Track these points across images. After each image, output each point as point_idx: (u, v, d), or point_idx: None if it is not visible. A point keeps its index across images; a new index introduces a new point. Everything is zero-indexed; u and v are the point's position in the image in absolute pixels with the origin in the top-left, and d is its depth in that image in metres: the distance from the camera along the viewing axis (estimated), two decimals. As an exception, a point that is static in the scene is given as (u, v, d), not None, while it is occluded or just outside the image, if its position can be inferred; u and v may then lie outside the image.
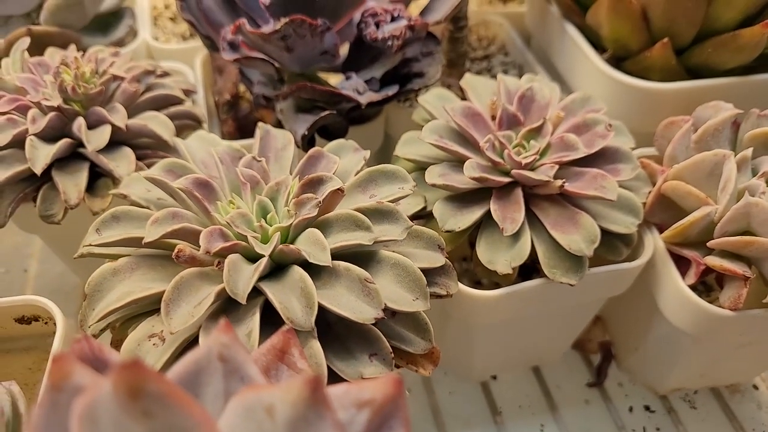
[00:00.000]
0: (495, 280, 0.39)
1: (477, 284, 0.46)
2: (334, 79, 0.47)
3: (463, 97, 0.53)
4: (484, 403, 0.48)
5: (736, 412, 0.48)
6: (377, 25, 0.42)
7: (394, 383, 0.19)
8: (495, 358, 0.46)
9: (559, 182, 0.36)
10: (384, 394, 0.19)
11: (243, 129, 0.50)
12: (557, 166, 0.37)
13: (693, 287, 0.38)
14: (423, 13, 0.46)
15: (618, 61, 0.48)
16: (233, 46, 0.42)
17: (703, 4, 0.41)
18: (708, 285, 0.45)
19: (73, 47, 0.46)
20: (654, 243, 0.40)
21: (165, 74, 0.47)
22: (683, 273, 0.39)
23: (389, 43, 0.41)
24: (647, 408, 0.48)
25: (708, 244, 0.37)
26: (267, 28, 0.39)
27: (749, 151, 0.39)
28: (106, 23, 0.53)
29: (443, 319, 0.43)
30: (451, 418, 0.47)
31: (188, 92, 0.46)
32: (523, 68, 0.55)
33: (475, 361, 0.46)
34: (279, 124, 0.50)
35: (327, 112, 0.41)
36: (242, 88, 0.52)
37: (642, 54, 0.45)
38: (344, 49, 0.47)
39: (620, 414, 0.47)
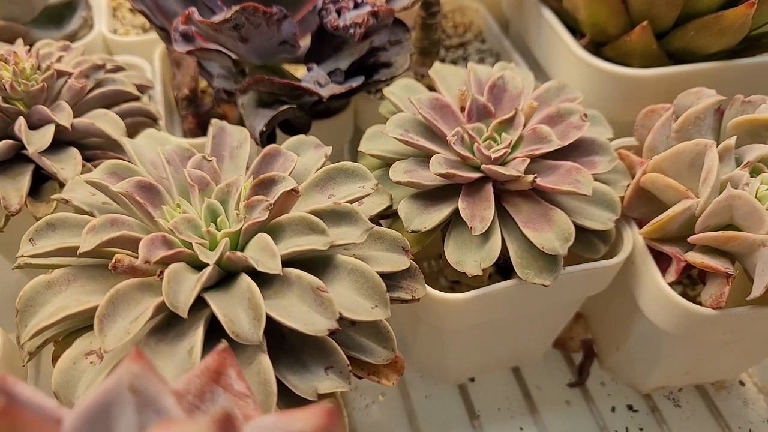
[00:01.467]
0: (466, 282, 0.37)
1: (455, 283, 0.45)
2: (301, 72, 0.45)
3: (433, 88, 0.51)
4: (462, 406, 0.46)
5: (721, 410, 0.46)
6: (338, 12, 0.39)
7: (327, 414, 0.17)
8: (470, 360, 0.44)
9: (530, 177, 0.34)
10: (316, 426, 0.17)
11: (204, 125, 0.48)
12: (529, 160, 0.35)
13: (677, 281, 0.36)
14: (390, -1, 0.44)
15: (597, 47, 0.46)
16: (186, 37, 0.40)
17: (683, -15, 0.39)
18: (693, 278, 0.43)
19: (19, 42, 0.44)
20: (633, 239, 0.38)
21: (118, 68, 0.44)
22: (664, 270, 0.37)
23: (351, 31, 0.38)
24: (630, 407, 0.46)
25: (689, 239, 0.35)
26: (218, 17, 0.36)
27: (732, 140, 0.37)
28: (59, 15, 0.51)
29: (414, 322, 0.41)
30: (427, 422, 0.45)
31: (143, 88, 0.43)
32: (501, 56, 0.53)
33: (450, 364, 0.44)
34: (242, 120, 0.48)
35: (286, 107, 0.39)
36: (204, 82, 0.50)
37: (621, 39, 0.43)
38: (307, 40, 0.44)
39: (602, 414, 0.46)
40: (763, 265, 0.33)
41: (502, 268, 0.44)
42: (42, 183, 0.38)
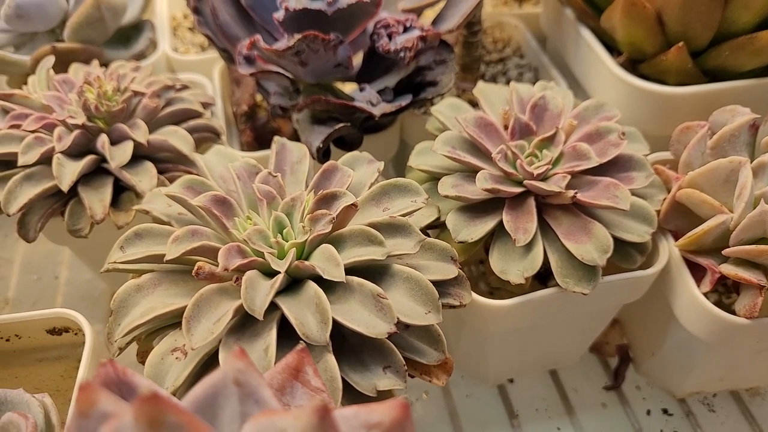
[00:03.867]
0: (508, 289, 0.39)
1: (494, 288, 0.47)
2: (349, 87, 0.48)
3: (477, 104, 0.54)
4: (501, 406, 0.48)
5: (756, 415, 0.48)
6: (390, 36, 0.42)
7: (401, 407, 0.20)
8: (510, 362, 0.47)
9: (571, 193, 0.36)
10: (391, 418, 0.20)
11: (260, 138, 0.51)
12: (569, 176, 0.37)
13: (712, 290, 0.38)
14: (435, 22, 0.46)
15: (633, 64, 0.48)
16: (249, 60, 0.43)
17: (719, 7, 0.41)
18: (728, 287, 0.45)
19: (95, 63, 0.48)
20: (669, 250, 0.40)
21: (184, 87, 0.48)
22: (699, 280, 0.39)
23: (402, 54, 0.41)
24: (665, 411, 0.48)
25: (723, 252, 0.37)
26: (281, 45, 0.39)
27: (766, 157, 0.39)
28: (127, 36, 0.55)
29: (458, 325, 0.44)
30: (468, 421, 0.48)
31: (207, 105, 0.47)
32: (539, 71, 0.55)
33: (491, 366, 0.46)
34: (295, 133, 0.51)
35: (341, 125, 0.42)
36: (259, 97, 0.53)
37: (657, 57, 0.45)
38: (358, 58, 0.47)
39: (638, 417, 0.48)
40: (794, 277, 0.34)
41: (540, 275, 0.46)
42: (119, 193, 0.42)
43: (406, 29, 0.43)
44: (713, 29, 0.42)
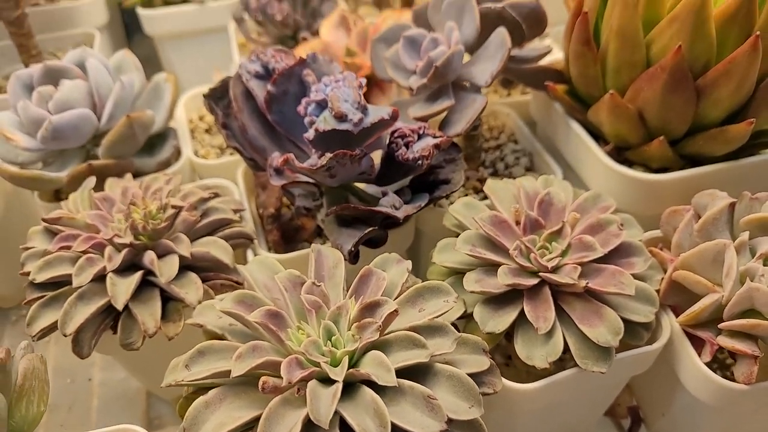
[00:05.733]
0: (533, 372, 0.43)
1: (508, 359, 0.51)
2: (366, 185, 0.52)
3: (481, 190, 0.59)
4: (527, 474, 0.51)
5: (759, 465, 0.52)
6: (407, 145, 0.47)
7: None
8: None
9: (583, 282, 0.41)
10: None
11: (286, 235, 0.55)
12: (580, 268, 0.42)
13: (712, 358, 0.43)
14: (443, 126, 0.52)
15: (620, 151, 0.54)
16: (279, 172, 0.47)
17: (692, 106, 0.47)
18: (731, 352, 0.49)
19: (129, 176, 0.52)
20: (671, 325, 0.44)
21: (215, 195, 0.52)
22: (699, 350, 0.43)
23: (420, 162, 0.46)
24: (678, 467, 0.52)
25: (719, 326, 0.42)
26: (314, 163, 0.44)
27: (746, 235, 0.44)
28: (153, 144, 0.59)
29: (486, 407, 0.48)
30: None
31: (237, 210, 0.51)
32: (533, 156, 0.60)
33: (517, 439, 0.50)
34: (318, 229, 0.55)
35: (370, 229, 0.46)
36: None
37: (641, 147, 0.51)
38: (375, 156, 0.52)
39: (653, 475, 0.51)
40: (784, 348, 0.39)
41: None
42: (165, 304, 0.45)
43: (420, 136, 0.48)
44: (688, 123, 0.48)
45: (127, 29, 1.03)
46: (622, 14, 0.46)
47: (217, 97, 0.51)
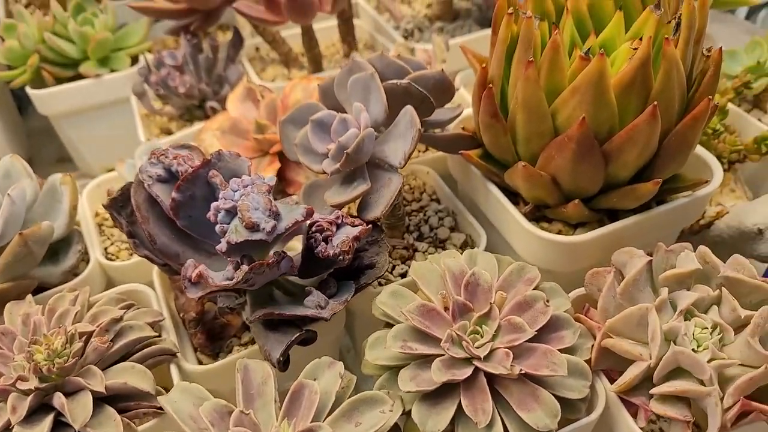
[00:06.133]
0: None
1: None
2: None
3: (409, 258, 0.58)
4: None
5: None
6: (326, 240, 0.46)
7: None
8: None
9: (517, 369, 0.41)
10: None
11: (211, 334, 0.52)
12: (512, 353, 0.41)
13: (647, 422, 0.44)
14: (361, 208, 0.51)
15: (539, 208, 0.54)
16: (196, 284, 0.45)
17: (602, 170, 0.48)
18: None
19: (30, 301, 0.48)
20: (605, 392, 0.45)
21: (128, 307, 0.49)
22: (635, 414, 0.44)
23: (341, 257, 0.45)
24: None
25: (650, 391, 0.43)
26: (229, 276, 0.42)
27: (665, 292, 0.45)
28: (56, 251, 0.55)
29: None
30: None
31: (155, 323, 0.48)
32: (456, 215, 0.60)
33: None
34: (245, 325, 0.53)
35: (298, 334, 0.44)
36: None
37: (558, 208, 0.51)
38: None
39: None
40: (711, 411, 0.40)
41: None
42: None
43: (339, 226, 0.47)
44: (600, 184, 0.49)
45: (19, 101, 0.97)
46: (525, 88, 0.46)
47: (119, 206, 0.48)
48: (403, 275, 0.56)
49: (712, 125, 0.62)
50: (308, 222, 0.47)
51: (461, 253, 0.57)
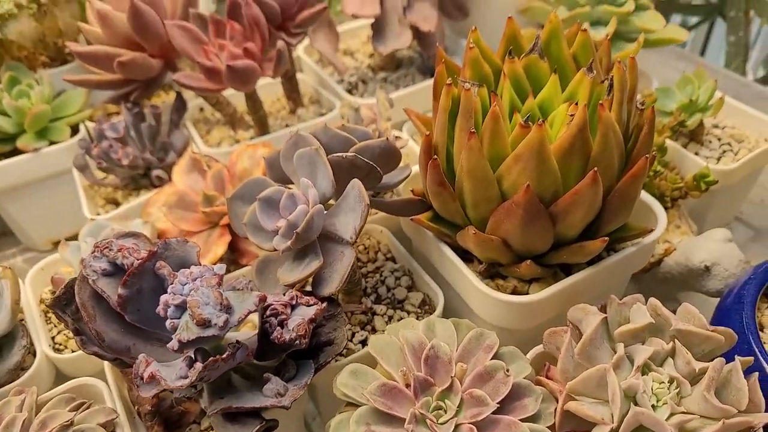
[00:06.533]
0: None
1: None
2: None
3: (368, 323, 0.57)
4: None
5: None
6: (281, 324, 0.45)
7: None
8: None
9: (482, 447, 0.40)
10: None
11: (169, 423, 0.51)
12: (476, 429, 0.41)
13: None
14: (315, 284, 0.50)
15: (494, 266, 0.55)
16: (149, 382, 0.43)
17: (550, 230, 0.48)
18: None
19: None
20: (571, 455, 0.45)
21: (79, 406, 0.47)
22: (604, 475, 0.44)
23: (297, 342, 0.44)
24: None
25: (615, 454, 0.43)
26: (183, 374, 0.40)
27: (622, 349, 0.46)
28: (-2, 349, 0.52)
29: None
30: None
31: (109, 423, 0.46)
32: (413, 274, 0.60)
33: None
34: (203, 412, 0.51)
35: (259, 425, 0.43)
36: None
37: (511, 267, 0.52)
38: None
39: None
40: (677, 471, 0.41)
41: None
42: None
43: (293, 307, 0.46)
44: (550, 243, 0.50)
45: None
46: (469, 158, 0.46)
47: (63, 304, 0.46)
48: (363, 342, 0.55)
49: (652, 168, 0.64)
50: (263, 306, 0.46)
51: (421, 312, 0.58)
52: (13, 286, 0.52)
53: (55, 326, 0.58)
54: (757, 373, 0.45)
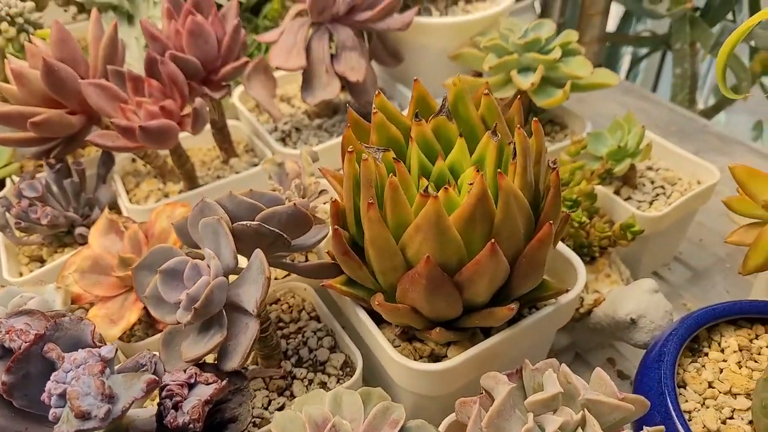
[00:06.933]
0: None
1: None
2: None
3: (286, 389, 0.56)
4: None
5: None
6: (176, 407, 0.43)
7: None
8: None
9: None
10: None
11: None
12: None
13: None
14: (220, 357, 0.48)
15: (411, 329, 0.53)
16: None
17: (457, 298, 0.47)
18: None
19: None
20: None
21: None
22: None
23: (191, 426, 0.42)
24: None
25: None
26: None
27: (531, 419, 0.45)
28: None
29: None
30: None
31: None
32: (335, 335, 0.59)
33: None
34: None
35: None
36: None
37: (425, 332, 0.51)
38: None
39: None
40: None
41: None
42: None
43: (191, 387, 0.44)
44: (459, 310, 0.49)
45: None
46: (369, 228, 0.46)
47: (-53, 390, 0.44)
48: (280, 408, 0.54)
49: (577, 218, 0.63)
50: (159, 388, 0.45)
51: (342, 374, 0.57)
52: None
53: (-40, 401, 0.56)
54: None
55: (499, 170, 0.44)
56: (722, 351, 0.56)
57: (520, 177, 0.46)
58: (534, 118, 0.48)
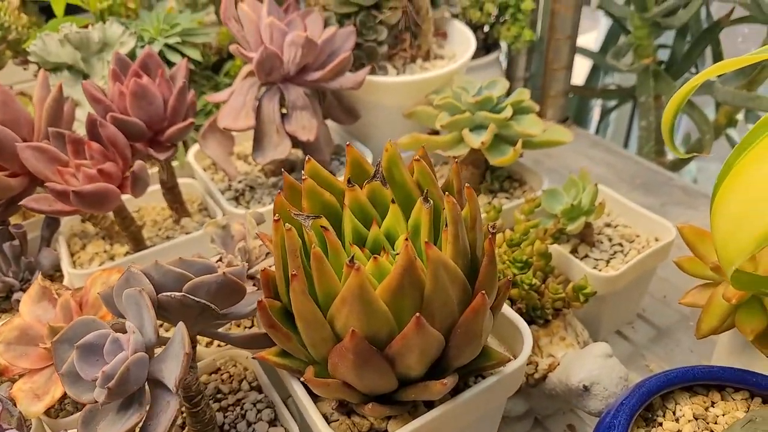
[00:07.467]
0: None
1: None
2: None
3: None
4: None
5: None
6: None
7: None
8: None
9: None
10: None
11: None
12: None
13: None
14: (139, 437, 0.46)
15: (348, 402, 0.51)
16: None
17: (389, 372, 0.45)
18: None
19: None
20: None
21: None
22: None
23: None
24: None
25: None
26: None
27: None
28: None
29: None
30: None
31: None
32: (275, 408, 0.56)
33: None
34: None
35: None
36: None
37: (360, 407, 0.48)
38: None
39: None
40: None
41: None
42: None
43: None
44: (393, 384, 0.47)
45: None
46: (296, 300, 0.44)
47: None
48: (213, 490, 0.51)
49: (528, 280, 0.62)
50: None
51: (281, 450, 0.54)
52: None
53: None
54: None
55: (426, 240, 0.43)
56: (677, 420, 0.54)
57: (452, 245, 0.45)
58: (466, 185, 0.47)
